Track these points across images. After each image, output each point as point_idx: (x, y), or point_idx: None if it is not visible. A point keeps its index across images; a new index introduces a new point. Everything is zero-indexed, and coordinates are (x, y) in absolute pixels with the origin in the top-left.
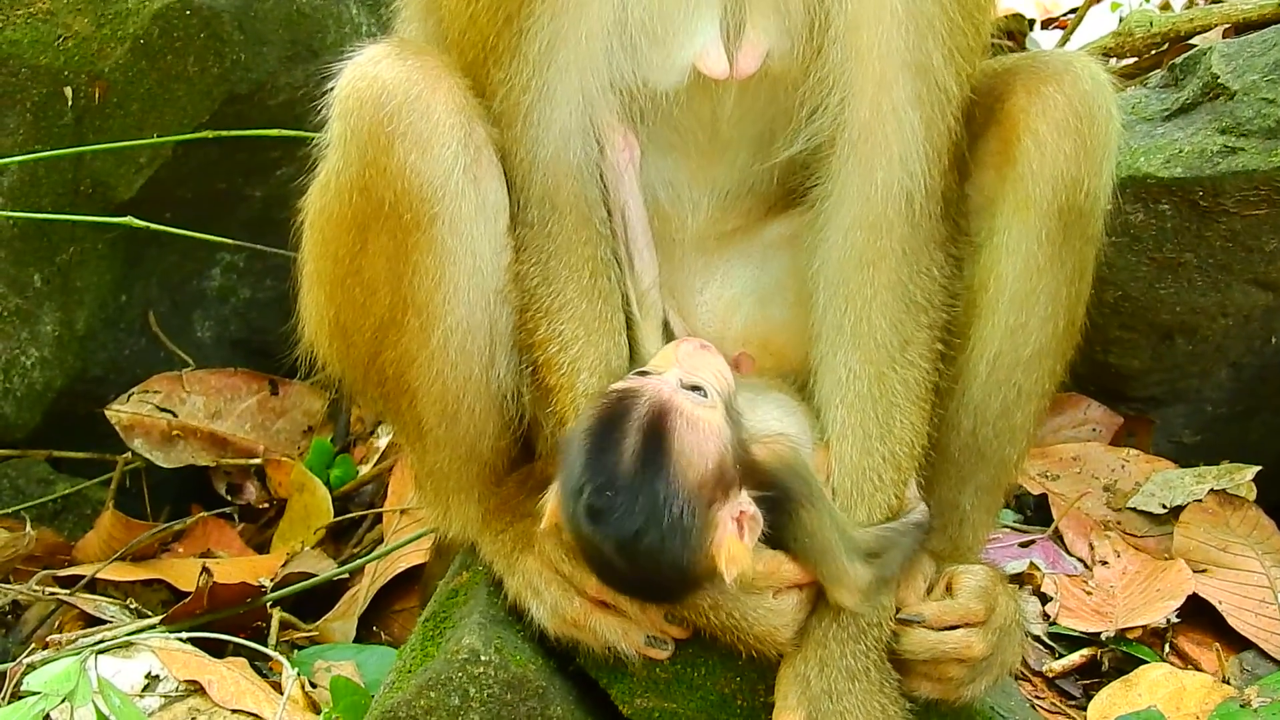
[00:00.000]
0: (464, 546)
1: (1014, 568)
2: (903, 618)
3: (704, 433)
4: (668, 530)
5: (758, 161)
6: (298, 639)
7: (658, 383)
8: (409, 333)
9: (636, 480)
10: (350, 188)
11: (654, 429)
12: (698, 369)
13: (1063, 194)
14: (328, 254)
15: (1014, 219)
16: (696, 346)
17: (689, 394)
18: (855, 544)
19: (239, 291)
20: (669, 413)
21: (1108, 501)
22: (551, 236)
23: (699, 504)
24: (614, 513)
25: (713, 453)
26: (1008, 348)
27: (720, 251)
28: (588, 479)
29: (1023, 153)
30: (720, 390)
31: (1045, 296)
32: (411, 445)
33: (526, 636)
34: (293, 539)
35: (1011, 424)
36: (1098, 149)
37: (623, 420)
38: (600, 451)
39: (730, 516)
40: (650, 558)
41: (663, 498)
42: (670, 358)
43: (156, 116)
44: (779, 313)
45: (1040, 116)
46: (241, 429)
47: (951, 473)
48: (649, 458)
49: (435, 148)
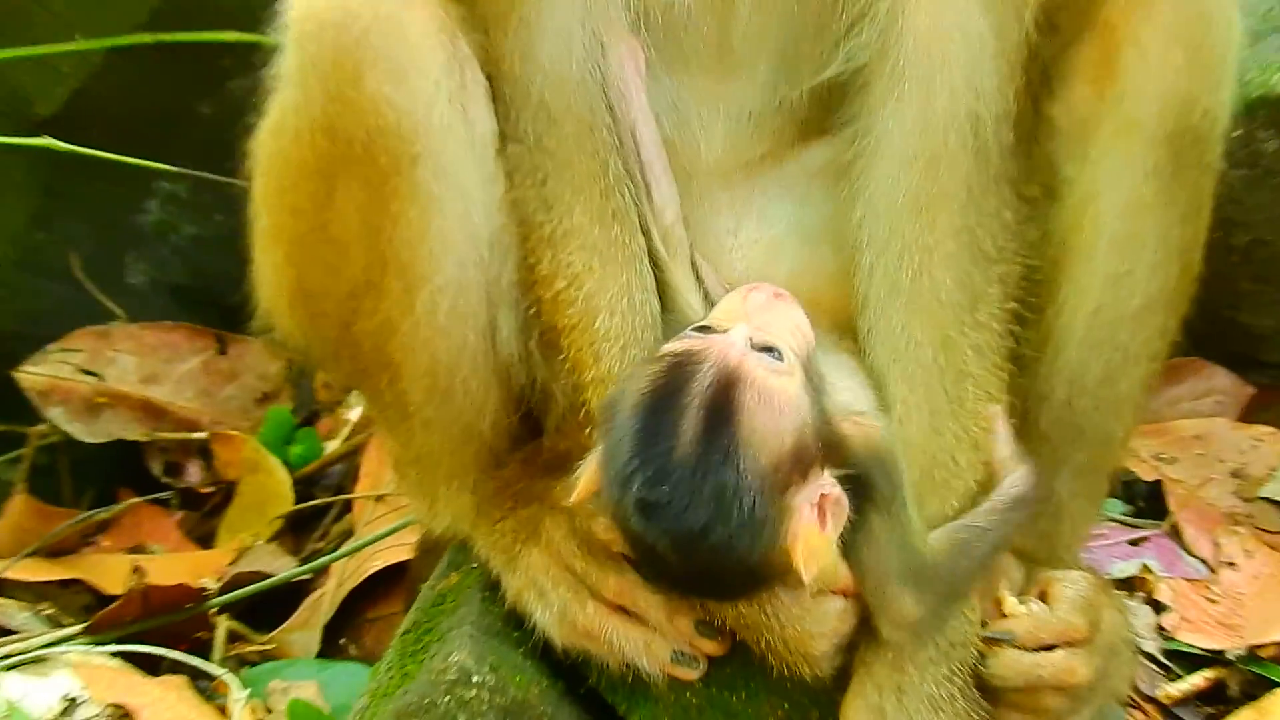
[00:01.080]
0: (454, 542)
1: (1122, 570)
2: (990, 635)
3: (780, 406)
4: (737, 527)
5: (780, 82)
6: (249, 653)
7: (722, 344)
8: (389, 297)
9: (699, 469)
10: (311, 128)
11: (719, 405)
12: (771, 324)
13: (1172, 115)
14: (286, 207)
15: (1114, 146)
16: (770, 295)
17: (761, 357)
18: (917, 568)
19: (181, 228)
20: (737, 383)
21: (1236, 490)
22: (550, 152)
23: (773, 491)
24: (673, 508)
25: (790, 429)
26: (1109, 301)
27: (750, 184)
28: (638, 467)
29: (1124, 66)
30: (799, 350)
31: (1153, 238)
32: (393, 429)
33: (528, 652)
34: (243, 530)
35: (1115, 393)
36: (1215, 61)
37: (680, 394)
38: (653, 433)
39: (809, 502)
40: (714, 556)
41: (732, 489)
42: (737, 310)
43: (84, 16)
44: (830, 257)
45: (1145, 22)
46: (182, 396)
47: (1043, 454)
48: (714, 441)
49: (413, 75)
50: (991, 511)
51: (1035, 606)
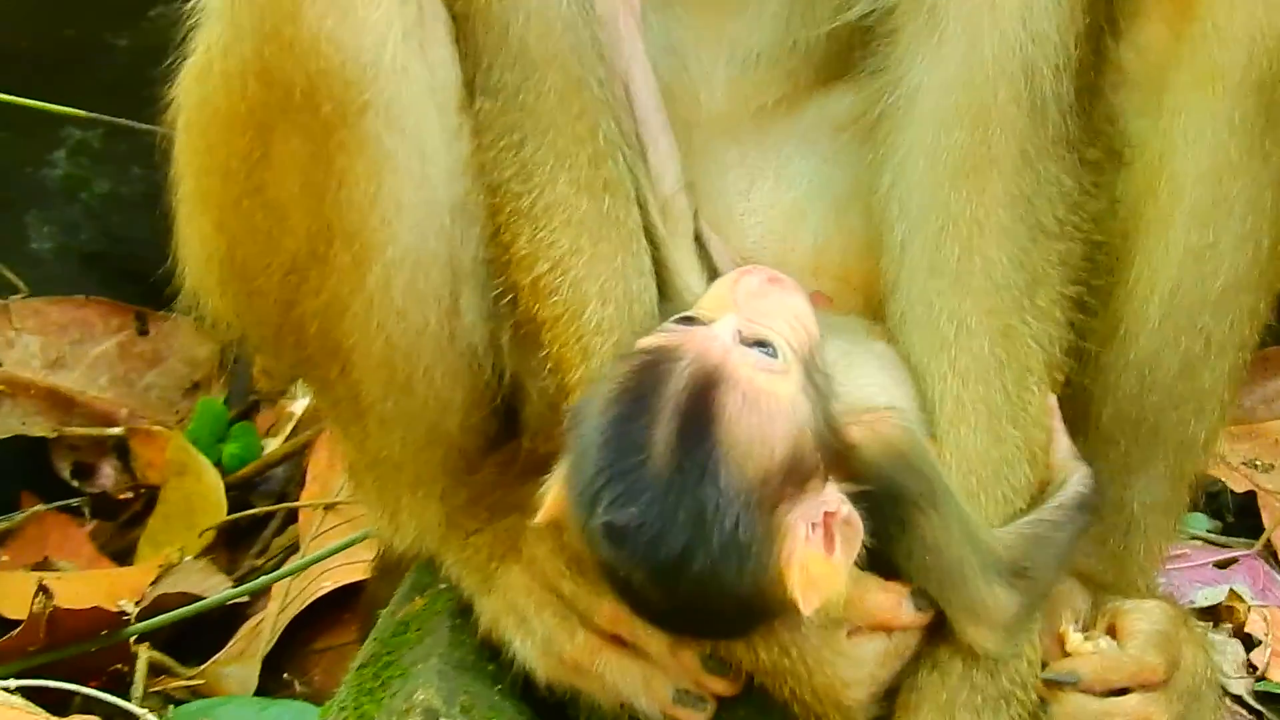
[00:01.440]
0: (419, 561)
1: (1207, 598)
2: (1052, 677)
3: (770, 411)
4: (720, 552)
5: (794, 16)
6: (175, 689)
7: (704, 338)
8: (336, 271)
9: (674, 486)
10: (243, 72)
11: (697, 410)
12: (764, 314)
13: (1263, 59)
14: (214, 167)
15: (1193, 96)
16: (764, 279)
17: (750, 354)
18: (996, 559)
19: (93, 184)
20: (719, 384)
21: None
22: (529, 110)
23: (761, 508)
24: (644, 533)
25: (782, 437)
26: (1189, 279)
27: (762, 136)
28: (604, 485)
29: (1204, 1)
30: (796, 345)
31: (1241, 206)
32: (346, 427)
33: (506, 689)
34: (168, 544)
35: (1196, 387)
36: None
37: (652, 399)
38: (621, 446)
39: (806, 521)
40: (698, 587)
41: (712, 508)
42: (726, 297)
43: None
44: (863, 225)
45: None
46: (95, 384)
47: (1112, 460)
48: (690, 453)
49: (361, 8)
50: (1058, 509)
51: (1104, 643)
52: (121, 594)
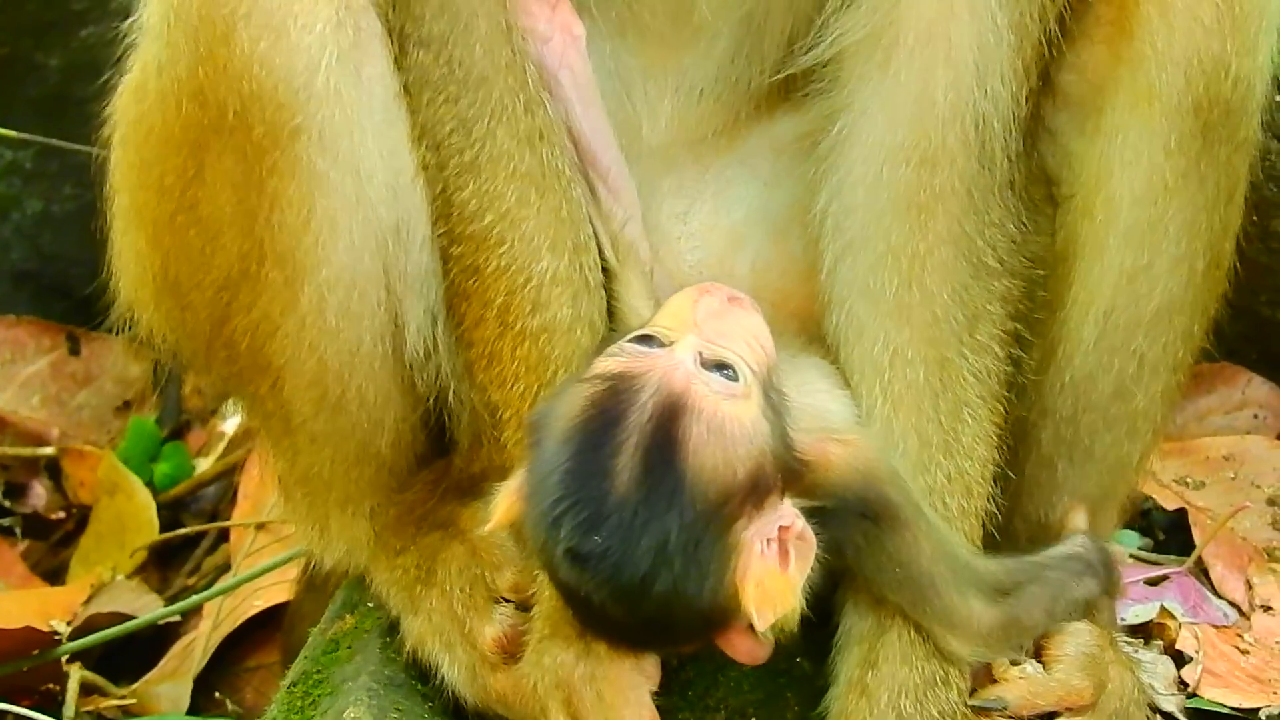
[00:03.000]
0: (349, 577)
1: (1138, 615)
2: (978, 704)
3: (733, 436)
4: (682, 572)
5: (742, 57)
6: (106, 709)
7: (667, 365)
8: (268, 290)
9: (639, 515)
10: (178, 92)
11: (662, 440)
12: (724, 335)
13: (1199, 82)
14: (149, 183)
15: (1131, 117)
16: (723, 300)
17: (712, 379)
18: (974, 574)
19: (25, 202)
20: (683, 414)
21: (1274, 520)
22: (457, 62)
23: (721, 527)
24: (609, 559)
25: (743, 460)
26: (1124, 301)
27: (702, 163)
28: (567, 510)
29: (1143, 24)
30: (756, 365)
31: (1176, 227)
32: (277, 444)
33: (436, 707)
34: (100, 564)
35: (1130, 409)
36: (1250, 17)
37: (617, 427)
38: (586, 472)
39: (762, 537)
40: (658, 606)
41: (676, 533)
42: (686, 317)
43: None
44: (801, 250)
45: None
46: (26, 403)
47: (1042, 480)
48: (656, 483)
49: (294, 31)
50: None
51: (1030, 668)
52: (53, 613)
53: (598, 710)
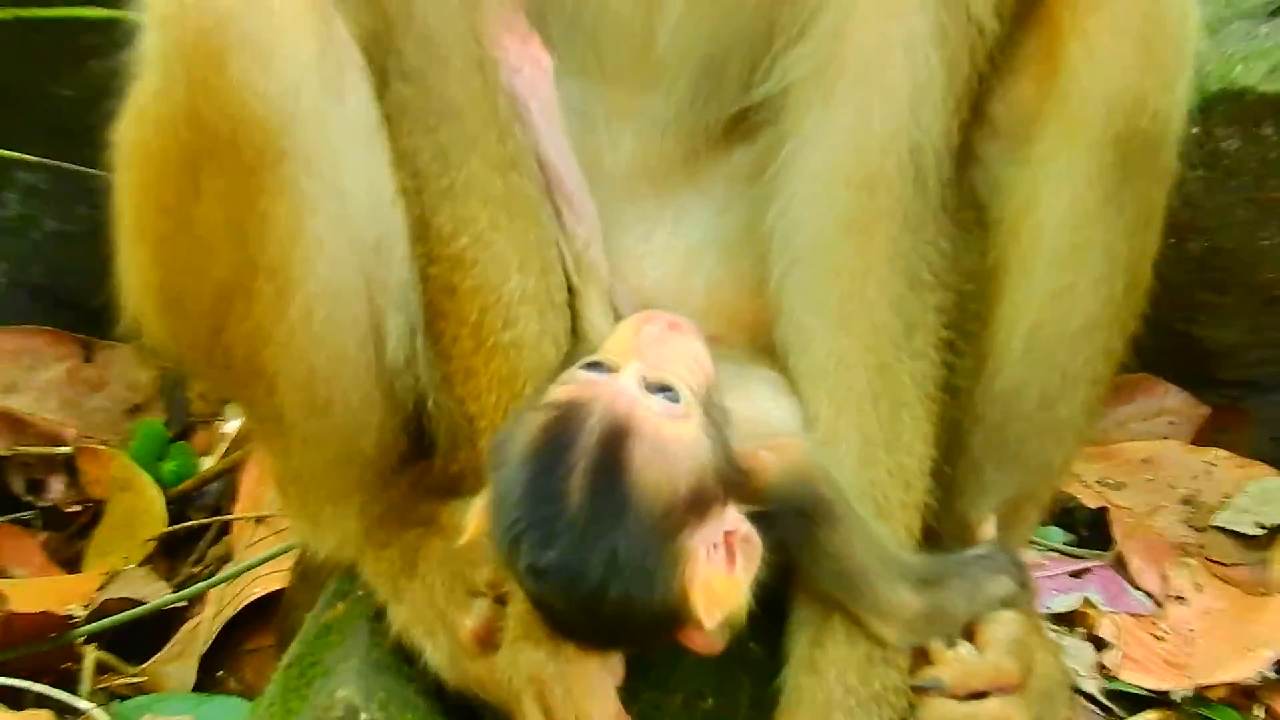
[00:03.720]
0: (340, 568)
1: (1063, 604)
2: (917, 684)
3: (673, 455)
4: (632, 581)
5: (702, 97)
6: (119, 686)
7: (613, 390)
8: (260, 302)
9: (589, 531)
10: (174, 118)
11: (608, 462)
12: (666, 360)
13: (1120, 116)
14: (150, 203)
15: (1056, 149)
16: (663, 327)
17: (654, 400)
18: (901, 565)
19: (41, 222)
20: (628, 437)
21: (1187, 518)
22: (434, 93)
23: (666, 537)
24: (565, 572)
25: (685, 475)
26: (1049, 319)
27: (661, 192)
28: (525, 530)
29: (1068, 62)
30: (697, 387)
31: (1098, 251)
32: (271, 443)
33: (420, 688)
34: (113, 553)
35: (1055, 417)
36: (1168, 57)
37: (567, 449)
38: (540, 494)
39: (707, 543)
40: (614, 611)
41: (623, 546)
42: (629, 344)
43: None
44: (751, 268)
45: (1091, 14)
46: (45, 406)
47: (971, 482)
48: (603, 501)
49: (280, 61)
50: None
51: (965, 650)
52: (70, 599)
53: (567, 704)
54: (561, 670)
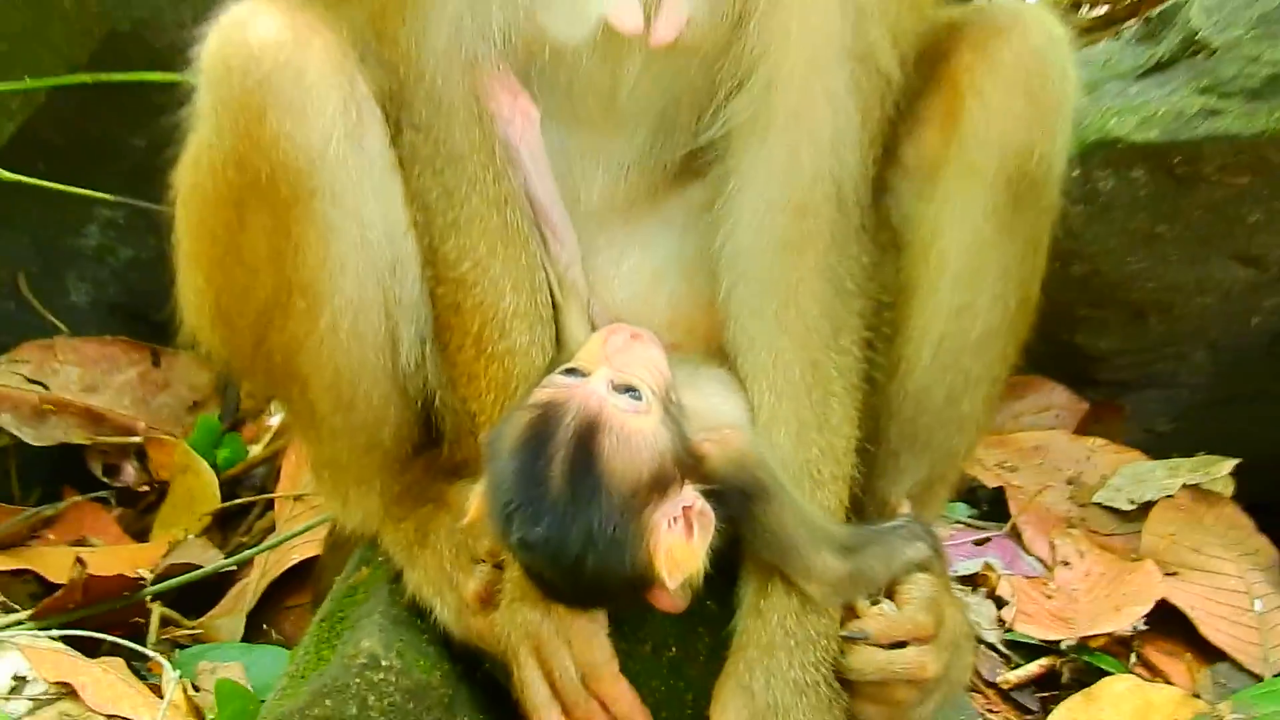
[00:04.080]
0: (365, 539)
1: (967, 568)
2: (846, 634)
3: (637, 444)
4: (605, 551)
5: (659, 141)
6: (180, 637)
7: (584, 392)
8: (295, 315)
9: (569, 509)
10: (223, 162)
11: (583, 451)
12: (630, 365)
13: (1012, 161)
14: (204, 233)
15: (957, 187)
16: (627, 337)
17: (620, 399)
18: (827, 534)
19: (118, 250)
20: (598, 430)
21: (1071, 496)
22: (441, 142)
23: (633, 513)
24: (551, 544)
25: (647, 461)
26: (953, 330)
27: (629, 221)
28: (516, 509)
29: (967, 114)
30: (656, 387)
31: (994, 273)
32: (305, 434)
33: (431, 639)
34: (175, 526)
35: (959, 412)
36: (1051, 111)
37: (549, 442)
38: (528, 479)
39: (669, 516)
40: (595, 576)
41: (597, 522)
42: (598, 353)
43: (29, 56)
44: (706, 285)
45: (987, 75)
46: (120, 403)
47: (889, 466)
48: (580, 483)
49: (310, 114)
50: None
51: (886, 606)
52: (140, 564)
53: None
54: (556, 625)
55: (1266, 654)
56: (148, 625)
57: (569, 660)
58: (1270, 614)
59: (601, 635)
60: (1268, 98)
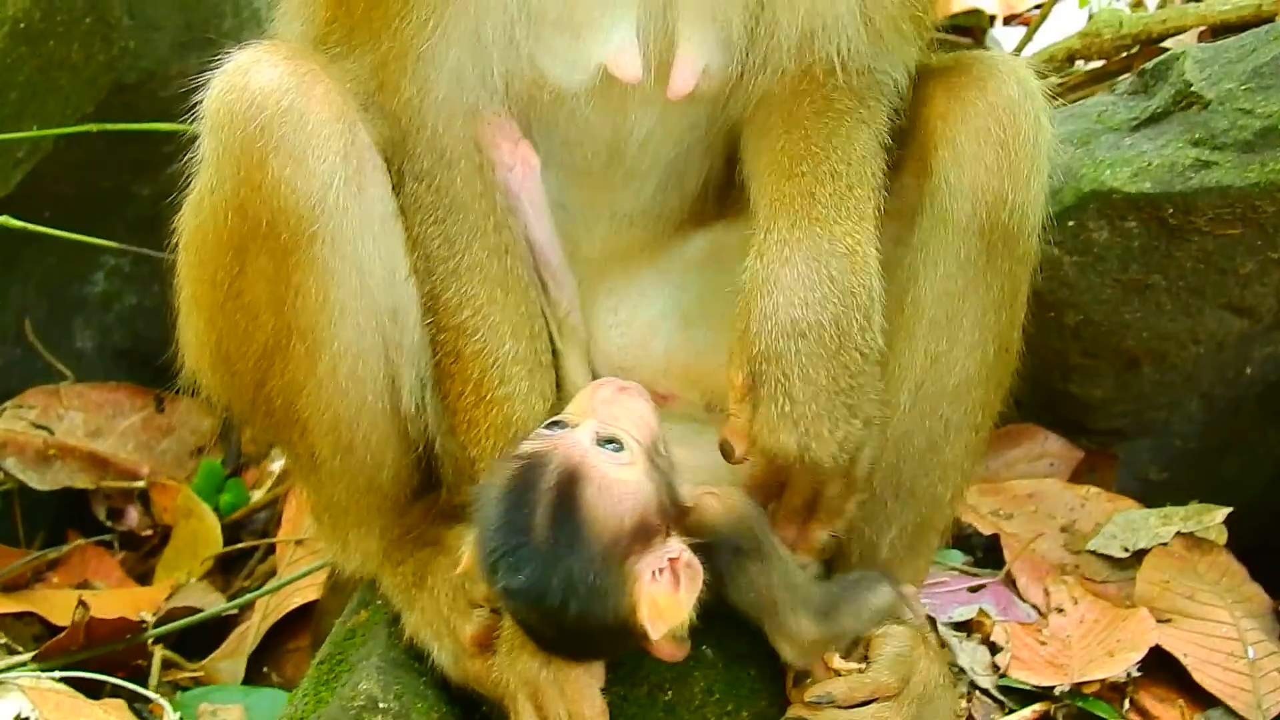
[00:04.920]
0: (364, 582)
1: (962, 614)
2: (811, 699)
3: (618, 495)
4: (587, 599)
5: (666, 193)
6: (182, 679)
7: (569, 443)
8: (294, 359)
9: (550, 558)
10: (225, 207)
11: (564, 500)
12: (616, 418)
13: (984, 210)
14: (205, 277)
15: (931, 235)
16: (614, 390)
17: (603, 452)
18: (806, 597)
19: (124, 297)
20: (579, 480)
21: (1065, 543)
22: (443, 191)
23: (613, 563)
24: (533, 592)
25: (629, 512)
26: (930, 377)
27: (628, 272)
28: (499, 558)
29: (939, 163)
30: (641, 439)
31: (969, 322)
32: (305, 478)
33: (429, 682)
34: (178, 569)
35: (940, 459)
36: (1024, 162)
37: (532, 492)
38: (511, 528)
39: (652, 568)
40: (577, 624)
41: (577, 570)
42: (586, 405)
43: (37, 106)
44: (703, 335)
45: (959, 124)
46: (124, 449)
47: (876, 513)
48: (560, 532)
49: (311, 160)
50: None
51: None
52: (143, 606)
53: (559, 703)
54: (554, 675)
55: (1260, 700)
56: (150, 667)
57: (564, 710)
58: (1263, 660)
59: (594, 688)
60: (1260, 150)
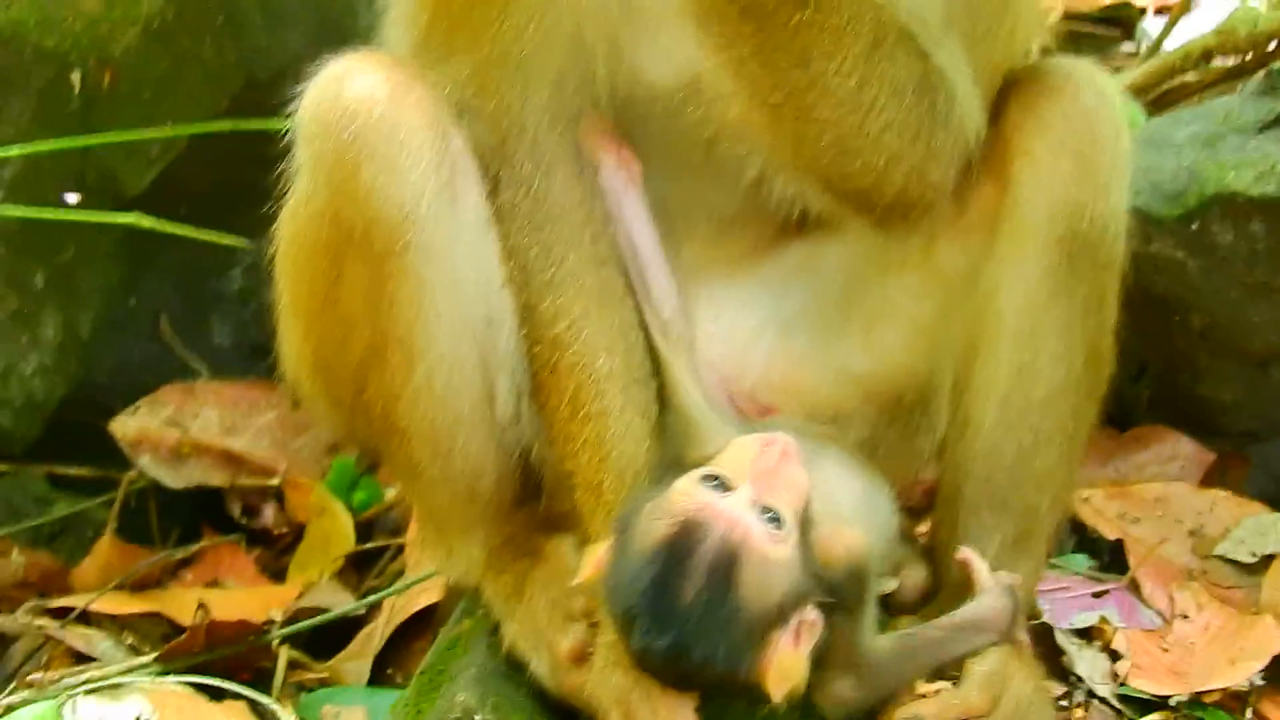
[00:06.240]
0: (469, 590)
1: (1084, 620)
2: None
3: (775, 572)
4: (724, 663)
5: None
6: (307, 680)
7: (730, 513)
8: (391, 369)
9: (697, 628)
10: (320, 215)
11: (720, 574)
12: (775, 489)
13: (1062, 221)
14: (302, 285)
15: (1012, 245)
16: (777, 455)
17: (763, 526)
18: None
19: (261, 293)
20: (739, 556)
21: (1192, 548)
22: (540, 198)
23: (757, 636)
24: (669, 652)
25: (781, 589)
26: (1016, 389)
27: (730, 278)
28: (641, 614)
29: (1016, 175)
30: (797, 509)
31: (1054, 332)
32: (408, 487)
33: (528, 692)
34: (311, 567)
35: (1033, 470)
36: (1102, 171)
37: (688, 559)
38: (660, 589)
39: (787, 634)
40: (703, 681)
41: (725, 639)
42: (743, 466)
43: (170, 104)
44: (803, 345)
45: (1035, 135)
46: (259, 446)
47: (972, 525)
48: (711, 605)
49: (404, 169)
50: (950, 626)
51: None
52: (273, 605)
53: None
54: (647, 693)
55: None
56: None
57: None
58: None
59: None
60: None
